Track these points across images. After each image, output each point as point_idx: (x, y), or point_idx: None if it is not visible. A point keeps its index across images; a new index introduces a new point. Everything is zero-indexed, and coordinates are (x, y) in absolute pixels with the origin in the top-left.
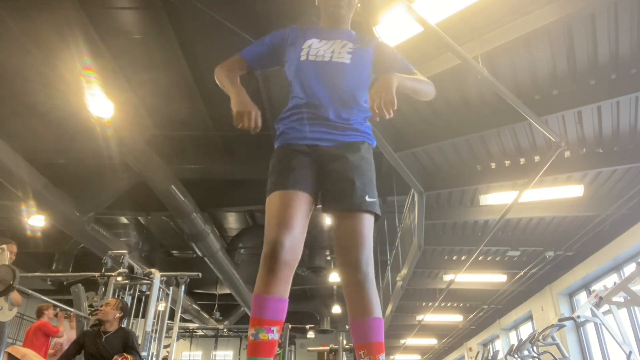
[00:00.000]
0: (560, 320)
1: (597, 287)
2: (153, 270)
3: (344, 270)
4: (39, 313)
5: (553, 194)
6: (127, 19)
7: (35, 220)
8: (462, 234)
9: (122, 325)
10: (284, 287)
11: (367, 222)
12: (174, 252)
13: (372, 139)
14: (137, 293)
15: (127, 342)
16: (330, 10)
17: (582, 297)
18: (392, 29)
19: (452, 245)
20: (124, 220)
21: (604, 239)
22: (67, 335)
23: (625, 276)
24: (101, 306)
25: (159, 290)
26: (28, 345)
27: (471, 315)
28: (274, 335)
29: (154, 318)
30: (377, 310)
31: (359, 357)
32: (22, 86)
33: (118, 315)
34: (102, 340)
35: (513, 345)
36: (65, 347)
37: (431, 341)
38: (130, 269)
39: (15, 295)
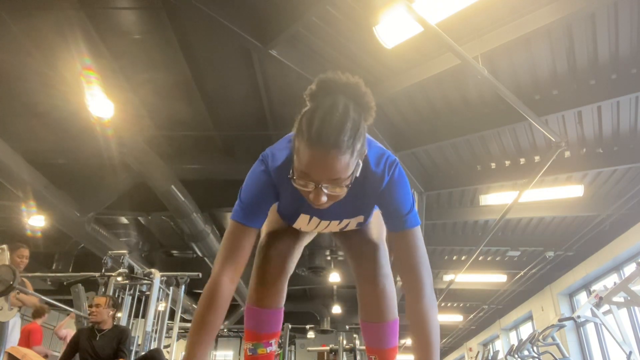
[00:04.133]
0: (560, 320)
1: (597, 287)
2: (153, 270)
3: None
4: (38, 314)
5: (553, 194)
6: (127, 19)
7: (35, 221)
8: (462, 234)
9: (116, 323)
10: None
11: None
12: (174, 252)
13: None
14: (137, 293)
15: (120, 341)
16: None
17: (582, 297)
18: (392, 29)
19: (452, 245)
20: (124, 220)
21: (604, 239)
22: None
23: (625, 276)
24: (92, 306)
25: (159, 290)
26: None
27: (471, 315)
28: (272, 347)
29: (154, 318)
30: (391, 313)
31: None
32: (22, 86)
33: (111, 312)
34: (97, 338)
35: (513, 345)
36: None
37: None
38: (130, 269)
39: (31, 299)
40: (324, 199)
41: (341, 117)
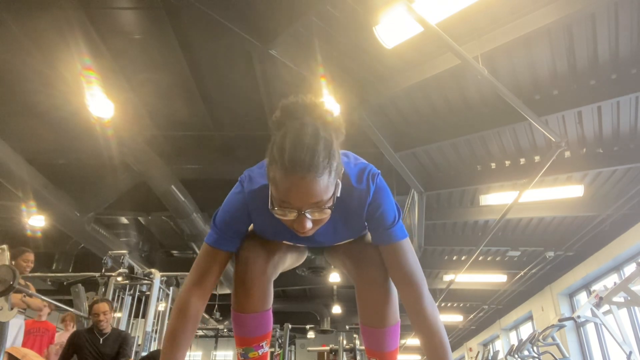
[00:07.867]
0: (560, 320)
1: (597, 287)
2: (153, 270)
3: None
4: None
5: (553, 194)
6: (127, 19)
7: (35, 220)
8: (462, 234)
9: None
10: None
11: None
12: (174, 252)
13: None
14: (137, 293)
15: (122, 343)
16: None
17: (582, 297)
18: (392, 29)
19: (452, 245)
20: (124, 220)
21: (604, 239)
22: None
23: (625, 276)
24: (92, 306)
25: (159, 290)
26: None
27: (471, 316)
28: (264, 349)
29: (154, 318)
30: (393, 317)
31: None
32: (22, 86)
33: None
34: (100, 341)
35: (513, 345)
36: None
37: None
38: (130, 269)
39: (35, 302)
40: (309, 225)
41: (312, 139)
